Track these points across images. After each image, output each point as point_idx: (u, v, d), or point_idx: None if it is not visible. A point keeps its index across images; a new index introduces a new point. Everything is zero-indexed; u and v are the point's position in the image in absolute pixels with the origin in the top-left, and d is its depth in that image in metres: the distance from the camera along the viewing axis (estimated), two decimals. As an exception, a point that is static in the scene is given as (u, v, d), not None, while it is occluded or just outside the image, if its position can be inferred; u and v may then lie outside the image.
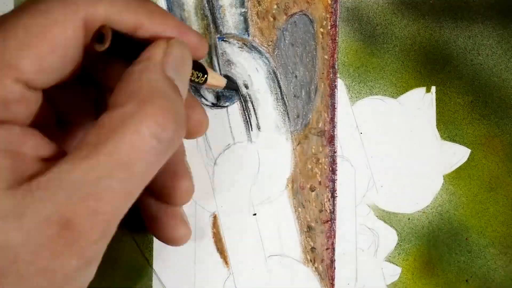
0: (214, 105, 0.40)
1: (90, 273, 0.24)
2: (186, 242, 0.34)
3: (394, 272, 0.39)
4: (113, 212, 0.23)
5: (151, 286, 0.39)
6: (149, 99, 0.24)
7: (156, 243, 0.39)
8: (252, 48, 0.39)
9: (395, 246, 0.40)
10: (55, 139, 0.27)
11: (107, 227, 0.23)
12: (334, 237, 0.40)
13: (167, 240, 0.34)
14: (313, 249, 0.40)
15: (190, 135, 0.32)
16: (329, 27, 0.40)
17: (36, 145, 0.25)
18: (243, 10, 0.39)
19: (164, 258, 0.39)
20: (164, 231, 0.34)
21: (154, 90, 0.24)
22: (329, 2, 0.39)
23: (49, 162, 0.24)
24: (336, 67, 0.40)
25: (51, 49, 0.24)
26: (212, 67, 0.39)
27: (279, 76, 0.39)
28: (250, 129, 0.40)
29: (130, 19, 0.26)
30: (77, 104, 0.31)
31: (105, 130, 0.23)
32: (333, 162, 0.40)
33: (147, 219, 0.34)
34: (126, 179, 0.23)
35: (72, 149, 0.23)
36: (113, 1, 0.26)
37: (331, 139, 0.40)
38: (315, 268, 0.40)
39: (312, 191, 0.40)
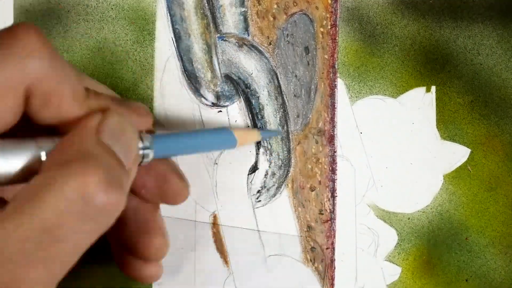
0: (214, 105, 0.39)
1: None
2: (155, 281, 0.34)
3: (394, 271, 0.39)
4: (46, 278, 0.22)
5: (151, 286, 0.39)
6: (77, 161, 0.22)
7: (156, 243, 0.39)
8: (252, 47, 0.39)
9: (395, 246, 0.40)
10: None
11: None
12: (334, 236, 0.40)
13: (136, 280, 0.33)
14: (313, 248, 0.39)
15: (168, 201, 0.32)
16: (329, 27, 0.40)
17: None
18: (243, 9, 0.39)
19: (164, 258, 0.39)
20: (132, 274, 0.33)
21: (84, 153, 0.23)
22: (329, 1, 0.39)
23: None
24: (336, 67, 0.40)
25: None
26: (212, 66, 0.39)
27: (279, 75, 0.39)
28: (251, 128, 0.39)
29: (71, 113, 0.26)
30: None
31: (32, 191, 0.22)
32: (333, 162, 0.40)
33: (118, 262, 0.34)
34: (50, 245, 0.21)
35: (5, 205, 0.22)
36: (59, 86, 0.25)
37: (331, 139, 0.40)
38: (315, 267, 0.40)
39: (312, 190, 0.40)
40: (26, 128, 0.26)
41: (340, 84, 0.40)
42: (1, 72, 0.23)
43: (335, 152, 0.40)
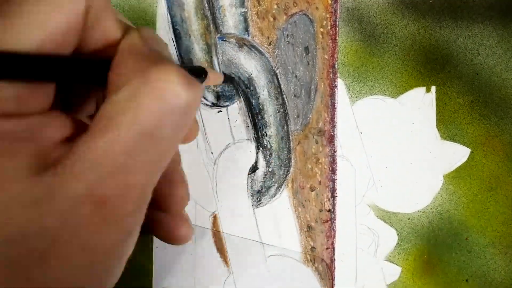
0: (214, 105, 0.40)
1: (130, 245, 0.24)
2: (189, 241, 0.34)
3: (394, 271, 0.39)
4: (144, 183, 0.23)
5: (151, 286, 0.39)
6: (154, 66, 0.23)
7: (156, 243, 0.39)
8: (252, 48, 0.39)
9: (395, 246, 0.40)
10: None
11: (141, 197, 0.23)
12: (334, 236, 0.40)
13: (168, 240, 0.34)
14: (313, 248, 0.40)
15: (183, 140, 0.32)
16: (329, 27, 0.40)
17: (58, 126, 0.24)
18: (243, 10, 0.39)
19: (164, 257, 0.39)
20: (164, 231, 0.34)
21: (154, 57, 0.24)
22: (329, 2, 0.39)
23: (73, 140, 0.23)
24: (336, 67, 0.40)
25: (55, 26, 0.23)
26: (212, 67, 0.39)
27: (279, 75, 0.40)
28: (251, 128, 0.40)
29: (114, 37, 0.26)
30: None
31: (120, 103, 0.22)
32: (333, 162, 0.40)
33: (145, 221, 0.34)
34: (153, 148, 0.22)
35: (91, 123, 0.23)
36: (108, 3, 0.26)
37: (331, 139, 0.40)
38: (315, 267, 0.40)
39: (312, 190, 0.40)
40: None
41: (340, 84, 0.40)
42: None
43: (335, 152, 0.40)
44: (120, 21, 0.27)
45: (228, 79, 0.38)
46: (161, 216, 0.33)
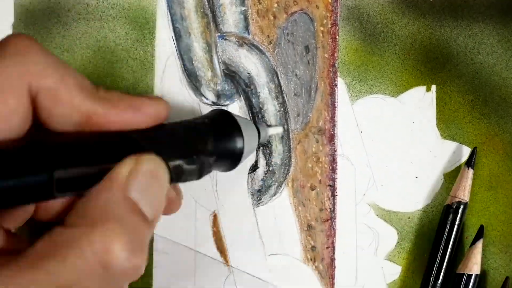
0: (214, 104, 0.39)
1: None
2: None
3: (394, 271, 0.39)
4: None
5: (151, 286, 0.39)
6: (100, 222, 0.22)
7: (157, 242, 0.39)
8: (252, 46, 0.39)
9: (395, 245, 0.40)
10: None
11: None
12: (334, 235, 0.40)
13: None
14: (313, 248, 0.39)
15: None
16: (330, 26, 0.40)
17: None
18: (243, 8, 0.39)
19: (164, 257, 0.39)
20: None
21: (108, 213, 0.23)
22: (330, 0, 0.39)
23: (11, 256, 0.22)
24: (336, 66, 0.40)
25: None
26: (213, 65, 0.39)
27: (279, 74, 0.39)
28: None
29: (84, 105, 0.25)
30: None
31: (52, 245, 0.22)
32: (333, 161, 0.40)
33: None
34: None
35: (23, 252, 0.22)
36: (64, 79, 0.24)
37: (331, 138, 0.40)
38: (315, 267, 0.40)
39: (312, 189, 0.40)
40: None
41: (341, 83, 0.40)
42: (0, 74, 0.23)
43: (335, 151, 0.40)
44: (94, 92, 0.26)
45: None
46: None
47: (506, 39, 0.39)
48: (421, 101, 0.40)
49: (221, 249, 0.39)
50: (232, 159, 0.31)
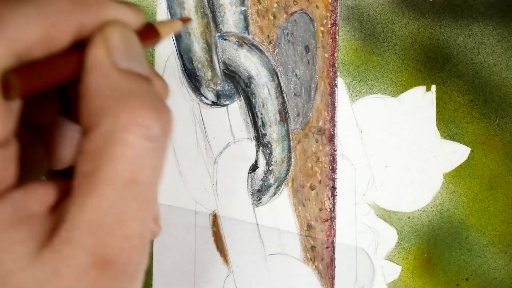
0: (214, 104, 0.39)
1: None
2: None
3: (394, 270, 0.39)
4: (141, 229, 0.23)
5: (151, 285, 0.39)
6: (119, 106, 0.22)
7: (157, 242, 0.39)
8: (252, 46, 0.39)
9: (395, 245, 0.40)
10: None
11: (141, 244, 0.23)
12: (334, 235, 0.40)
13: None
14: (313, 247, 0.40)
15: None
16: (330, 26, 0.40)
17: (41, 197, 0.24)
18: (243, 8, 0.39)
19: (164, 257, 0.39)
20: None
21: (118, 94, 0.23)
22: (329, 0, 0.39)
23: (60, 206, 0.23)
24: (336, 66, 0.40)
25: None
26: (212, 65, 0.39)
27: (279, 74, 0.39)
28: (251, 127, 0.40)
29: (70, 25, 0.24)
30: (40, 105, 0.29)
31: (94, 157, 0.22)
32: (333, 161, 0.40)
33: None
34: (139, 193, 0.22)
35: (71, 186, 0.22)
36: (47, 12, 0.23)
37: (331, 138, 0.40)
38: (315, 266, 0.40)
39: (312, 189, 0.40)
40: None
41: (340, 83, 0.40)
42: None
43: (335, 151, 0.40)
44: None
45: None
46: None
47: (506, 39, 0.39)
48: (421, 101, 0.40)
49: (221, 249, 0.39)
50: None
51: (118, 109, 0.22)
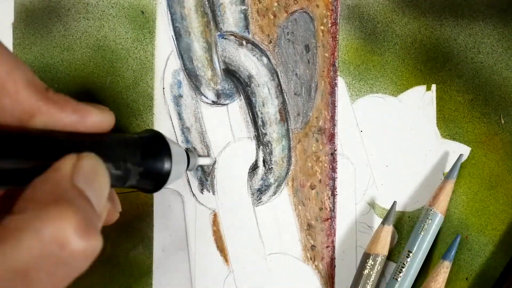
0: (214, 103, 0.39)
1: None
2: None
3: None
4: None
5: (151, 285, 0.39)
6: (53, 205, 0.22)
7: (156, 242, 0.39)
8: (252, 45, 0.39)
9: (395, 245, 0.40)
10: None
11: None
12: (334, 235, 0.40)
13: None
14: (313, 247, 0.40)
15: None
16: (330, 25, 0.40)
17: None
18: (243, 7, 0.39)
19: (164, 256, 0.39)
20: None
21: (59, 197, 0.23)
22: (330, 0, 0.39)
23: None
24: (336, 65, 0.40)
25: None
26: (213, 64, 0.39)
27: (279, 73, 0.39)
28: (251, 126, 0.40)
29: (28, 101, 0.26)
30: None
31: (4, 231, 0.21)
32: (333, 160, 0.40)
33: None
34: (24, 287, 0.21)
35: None
36: (12, 72, 0.25)
37: (331, 137, 0.40)
38: (315, 266, 0.40)
39: (312, 189, 0.40)
40: None
41: (341, 82, 0.40)
42: None
43: (335, 150, 0.40)
44: (42, 92, 0.26)
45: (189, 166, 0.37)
46: None
47: (506, 38, 0.39)
48: (421, 100, 0.40)
49: (221, 248, 0.39)
50: (158, 179, 0.32)
51: (49, 206, 0.22)
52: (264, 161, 0.40)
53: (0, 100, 0.25)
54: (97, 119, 0.29)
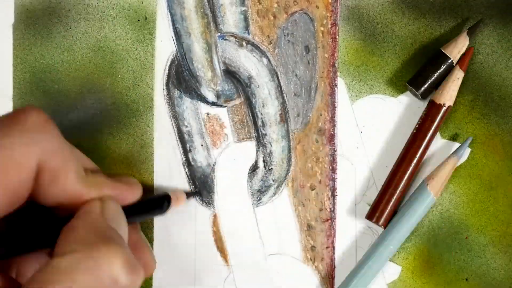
0: (214, 104, 0.40)
1: None
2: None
3: (394, 271, 0.39)
4: None
5: (151, 285, 0.39)
6: (102, 244, 0.24)
7: (157, 242, 0.39)
8: (252, 46, 0.39)
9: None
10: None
11: None
12: (334, 235, 0.40)
13: None
14: (313, 247, 0.40)
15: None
16: (330, 26, 0.40)
17: None
18: (243, 8, 0.39)
19: (165, 257, 0.39)
20: None
21: (104, 235, 0.25)
22: (330, 0, 0.39)
23: None
24: (336, 66, 0.40)
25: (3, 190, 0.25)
26: (213, 65, 0.39)
27: (279, 74, 0.39)
28: (251, 127, 0.40)
29: (74, 189, 0.28)
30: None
31: (55, 272, 0.23)
32: (333, 161, 0.40)
33: None
34: None
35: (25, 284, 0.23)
36: (67, 163, 0.27)
37: (331, 138, 0.40)
38: (315, 266, 0.40)
39: (312, 189, 0.40)
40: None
41: (341, 83, 0.40)
42: (16, 147, 0.25)
43: (335, 151, 0.40)
44: (85, 178, 0.28)
45: (192, 194, 0.39)
46: None
47: (506, 39, 0.39)
48: (421, 101, 0.40)
49: (221, 249, 0.39)
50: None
51: (100, 245, 0.24)
52: (264, 162, 0.40)
53: (51, 189, 0.27)
54: (132, 197, 0.32)
